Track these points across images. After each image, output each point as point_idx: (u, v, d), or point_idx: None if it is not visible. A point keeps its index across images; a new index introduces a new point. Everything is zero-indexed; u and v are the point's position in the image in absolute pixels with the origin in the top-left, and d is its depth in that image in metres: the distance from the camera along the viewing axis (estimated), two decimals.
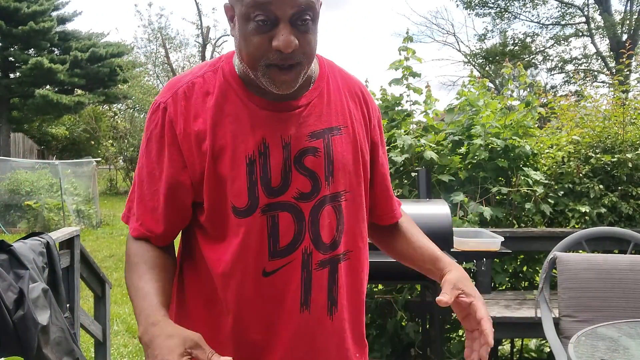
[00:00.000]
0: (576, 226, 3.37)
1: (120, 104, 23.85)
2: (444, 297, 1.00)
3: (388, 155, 3.32)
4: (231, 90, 1.01)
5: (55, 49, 20.07)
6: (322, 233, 1.01)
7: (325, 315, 1.03)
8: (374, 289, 3.44)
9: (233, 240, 1.00)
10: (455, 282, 1.04)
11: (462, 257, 2.59)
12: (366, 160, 1.10)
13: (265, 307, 1.01)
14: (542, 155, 3.68)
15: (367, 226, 1.13)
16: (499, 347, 3.46)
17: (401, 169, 3.39)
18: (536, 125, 3.74)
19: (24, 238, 2.10)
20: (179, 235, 1.11)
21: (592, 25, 20.30)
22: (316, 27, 0.96)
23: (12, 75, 19.44)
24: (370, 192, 1.14)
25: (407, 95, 3.62)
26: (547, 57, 21.93)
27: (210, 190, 1.00)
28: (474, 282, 3.28)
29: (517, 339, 3.45)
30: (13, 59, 19.00)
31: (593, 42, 20.23)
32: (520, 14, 21.53)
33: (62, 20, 20.40)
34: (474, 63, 21.64)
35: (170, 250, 1.08)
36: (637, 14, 18.55)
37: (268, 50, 0.92)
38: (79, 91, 20.31)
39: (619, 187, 3.46)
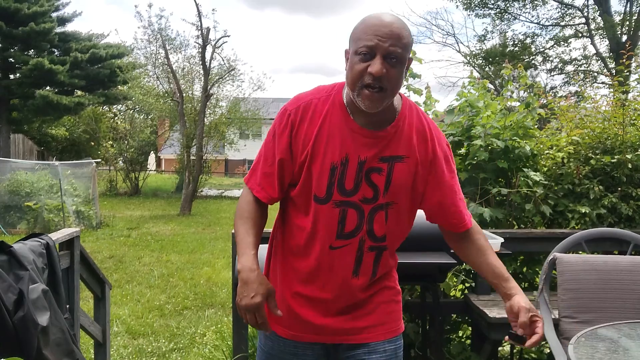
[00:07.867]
0: (576, 227, 3.37)
1: (120, 105, 23.83)
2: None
3: None
4: (335, 115, 1.44)
5: (56, 50, 20.08)
6: (375, 228, 1.46)
7: (367, 280, 1.50)
8: None
9: (310, 218, 1.45)
10: (528, 308, 1.43)
11: None
12: (419, 184, 1.48)
13: (325, 272, 1.47)
14: (542, 156, 3.68)
15: (444, 233, 1.61)
16: (499, 348, 3.46)
17: None
18: (536, 126, 3.74)
19: (24, 239, 2.11)
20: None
21: (592, 26, 20.29)
22: (401, 70, 1.37)
23: (12, 76, 19.44)
24: (441, 207, 1.52)
25: (407, 96, 3.61)
26: (547, 58, 21.92)
27: (304, 180, 1.44)
28: (474, 283, 3.28)
29: None
30: (13, 60, 19.02)
31: (593, 43, 20.22)
32: (520, 15, 21.54)
33: (62, 21, 20.42)
34: (473, 64, 21.63)
35: (266, 209, 1.53)
36: (636, 14, 18.54)
37: (364, 74, 1.34)
38: (79, 92, 20.32)
39: (619, 188, 3.46)
